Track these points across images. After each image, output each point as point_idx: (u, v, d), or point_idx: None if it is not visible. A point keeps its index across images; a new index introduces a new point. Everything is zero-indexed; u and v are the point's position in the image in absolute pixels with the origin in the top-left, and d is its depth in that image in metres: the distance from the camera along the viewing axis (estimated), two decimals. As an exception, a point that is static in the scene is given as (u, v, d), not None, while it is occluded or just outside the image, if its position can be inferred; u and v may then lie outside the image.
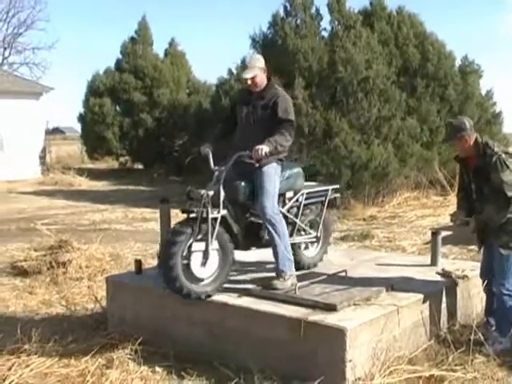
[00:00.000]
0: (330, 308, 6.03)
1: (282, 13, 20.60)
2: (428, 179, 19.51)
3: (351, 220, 16.32)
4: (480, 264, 7.02)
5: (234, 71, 22.86)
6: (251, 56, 7.09)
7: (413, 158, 19.14)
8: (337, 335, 5.62)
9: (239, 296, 6.55)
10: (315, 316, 5.89)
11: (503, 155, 6.48)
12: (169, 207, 7.64)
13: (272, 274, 6.90)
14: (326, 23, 20.63)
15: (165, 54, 36.20)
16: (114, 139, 33.22)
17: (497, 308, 6.75)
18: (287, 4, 20.45)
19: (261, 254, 7.48)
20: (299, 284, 6.56)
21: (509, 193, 6.33)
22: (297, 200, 7.37)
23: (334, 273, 7.11)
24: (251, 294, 6.58)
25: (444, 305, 6.90)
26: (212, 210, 6.38)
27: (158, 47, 35.03)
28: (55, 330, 7.75)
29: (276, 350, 5.99)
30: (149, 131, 32.39)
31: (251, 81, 6.89)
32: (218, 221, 6.44)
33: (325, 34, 20.66)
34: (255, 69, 6.85)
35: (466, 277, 7.31)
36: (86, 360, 6.54)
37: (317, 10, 20.71)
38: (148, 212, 17.78)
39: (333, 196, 7.86)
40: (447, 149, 18.74)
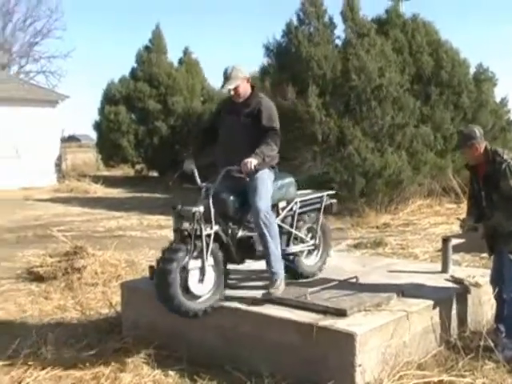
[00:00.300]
0: (341, 313, 6.10)
1: (296, 21, 20.70)
2: (441, 187, 19.51)
3: (364, 228, 16.35)
4: (490, 271, 7.07)
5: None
6: (233, 67, 6.95)
7: (426, 166, 19.16)
8: (347, 340, 5.70)
9: (252, 302, 6.61)
10: (326, 321, 5.97)
11: None
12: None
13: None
14: (340, 31, 20.76)
15: (179, 62, 36.39)
16: (130, 147, 33.38)
17: (507, 315, 6.79)
18: (300, 12, 20.57)
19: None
20: (310, 290, 6.64)
21: None
22: (290, 209, 7.35)
23: (345, 279, 7.19)
24: (263, 300, 6.63)
25: (454, 311, 6.95)
26: (205, 227, 6.36)
27: (172, 56, 35.20)
28: (70, 335, 7.90)
29: (287, 355, 6.07)
30: (163, 139, 32.54)
31: (234, 91, 6.91)
32: (212, 237, 6.43)
33: (338, 42, 20.78)
34: (237, 79, 6.85)
35: (478, 284, 7.36)
36: (100, 363, 6.64)
37: (330, 19, 20.85)
38: (163, 219, 17.84)
39: (328, 202, 7.86)
40: (461, 156, 18.74)
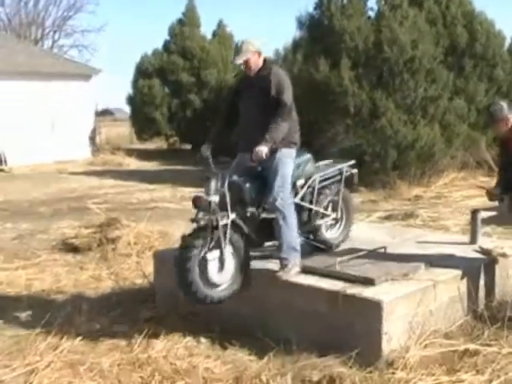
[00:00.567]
0: (368, 282, 6.21)
1: (328, -7, 20.58)
2: (475, 159, 19.45)
3: (397, 200, 16.37)
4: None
5: (281, 52, 22.92)
6: (244, 40, 6.93)
7: (459, 139, 19.10)
8: (373, 308, 5.82)
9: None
10: (353, 289, 6.09)
11: None
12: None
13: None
14: (373, 3, 20.68)
15: (213, 35, 36.38)
16: (163, 120, 33.51)
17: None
18: (333, -16, 20.43)
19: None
20: (339, 259, 6.73)
21: None
22: (309, 186, 7.30)
23: (374, 249, 7.28)
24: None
25: (482, 281, 7.02)
26: (221, 217, 6.33)
27: (206, 29, 35.34)
28: (104, 304, 8.11)
29: (315, 322, 6.19)
30: (197, 112, 32.60)
31: (245, 64, 6.86)
32: (229, 226, 6.42)
33: (371, 14, 20.69)
34: (247, 53, 6.77)
35: (506, 255, 7.41)
36: (134, 331, 6.82)
37: (363, -10, 20.72)
38: (196, 191, 17.95)
39: (349, 173, 7.77)
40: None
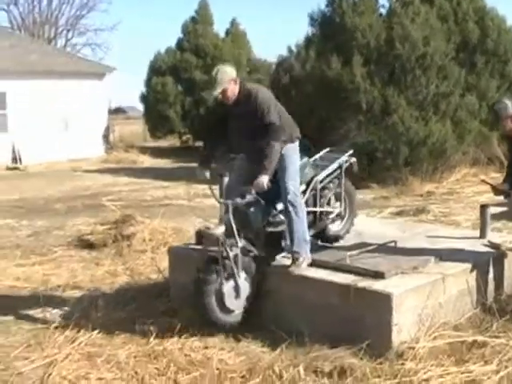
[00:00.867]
0: (379, 275, 6.34)
1: (340, -10, 20.67)
2: (487, 156, 19.51)
3: (409, 196, 16.48)
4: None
5: (294, 49, 23.02)
6: (218, 70, 6.73)
7: (471, 135, 19.18)
8: (384, 300, 5.95)
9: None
10: (364, 282, 6.23)
11: None
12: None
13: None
14: (384, 0, 20.77)
15: (226, 34, 36.53)
16: (176, 118, 33.67)
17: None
18: (344, -18, 20.51)
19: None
20: (350, 253, 6.86)
21: None
22: (311, 190, 7.36)
23: (384, 243, 7.39)
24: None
25: (491, 275, 7.12)
26: (230, 247, 6.49)
27: (218, 27, 35.32)
28: (120, 298, 8.26)
29: (326, 315, 6.32)
30: (210, 109, 32.73)
31: (222, 95, 6.74)
32: (239, 254, 6.57)
33: (383, 11, 20.80)
34: (223, 83, 6.64)
35: (514, 249, 7.53)
36: (149, 324, 6.98)
37: (374, -13, 20.80)
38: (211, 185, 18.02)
39: (348, 163, 7.78)
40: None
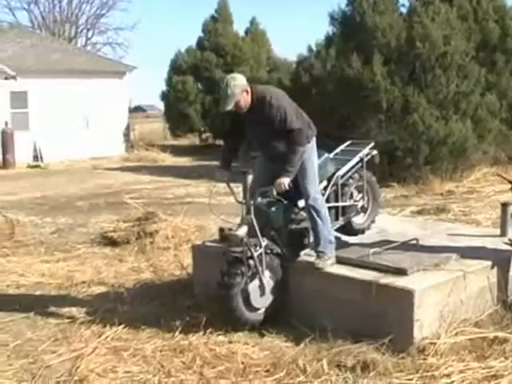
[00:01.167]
0: (401, 272, 6.42)
1: (360, -11, 20.71)
2: (507, 155, 19.52)
3: (429, 195, 16.51)
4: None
5: (314, 48, 23.09)
6: (227, 83, 6.60)
7: (491, 134, 19.18)
8: (406, 296, 6.04)
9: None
10: (386, 279, 6.31)
11: None
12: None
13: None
14: (404, -1, 20.81)
15: (245, 33, 36.65)
16: (196, 116, 33.84)
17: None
18: (365, -19, 20.55)
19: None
20: (373, 250, 6.94)
21: None
22: (332, 185, 7.46)
23: (406, 241, 7.45)
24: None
25: (511, 272, 7.18)
26: (254, 247, 6.60)
27: (238, 26, 35.41)
28: (145, 294, 8.41)
29: (349, 310, 6.43)
30: (230, 110, 32.74)
31: (235, 107, 6.66)
32: (263, 254, 6.67)
33: (403, 10, 20.84)
34: (235, 96, 6.58)
35: (535, 247, 7.58)
36: (174, 319, 7.13)
37: (394, -13, 20.81)
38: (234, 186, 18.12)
39: (370, 156, 7.88)
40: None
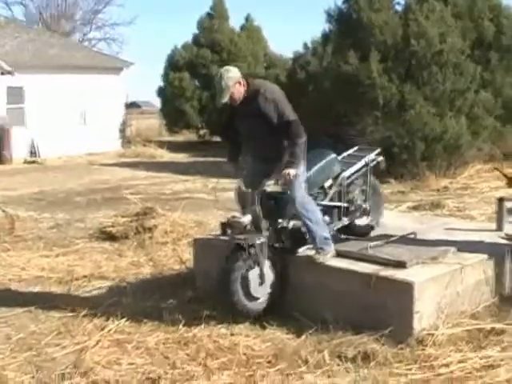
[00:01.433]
0: (400, 265, 6.56)
1: (357, -13, 20.80)
2: (502, 152, 19.65)
3: (424, 191, 16.62)
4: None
5: (310, 45, 23.24)
6: (221, 76, 6.68)
7: (486, 131, 19.31)
8: (406, 289, 6.17)
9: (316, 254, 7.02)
10: (386, 272, 6.44)
11: None
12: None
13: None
14: (400, -3, 20.91)
15: (241, 29, 36.70)
16: (193, 112, 33.91)
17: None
18: (361, -22, 20.63)
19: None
20: (372, 244, 7.08)
21: None
22: (337, 185, 7.57)
23: (404, 235, 7.60)
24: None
25: (508, 265, 7.26)
26: (257, 236, 6.71)
27: (234, 22, 35.49)
28: (146, 287, 8.49)
29: (350, 303, 6.55)
30: (227, 104, 32.82)
31: (230, 100, 6.76)
32: (265, 243, 6.76)
33: (398, 8, 20.94)
34: (228, 88, 6.65)
35: (530, 241, 7.71)
36: (176, 312, 7.23)
37: (390, -16, 20.90)
38: (227, 182, 18.17)
39: (375, 162, 7.97)
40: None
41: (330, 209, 7.51)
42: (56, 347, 6.53)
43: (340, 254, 7.01)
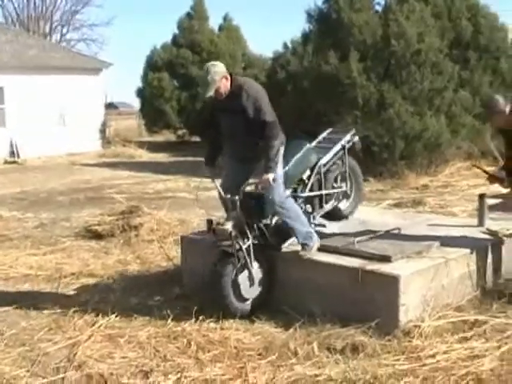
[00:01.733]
0: (385, 259, 6.71)
1: (337, -13, 20.93)
2: (480, 150, 19.85)
3: (404, 189, 16.78)
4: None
5: (290, 45, 23.36)
6: (208, 70, 6.72)
7: (465, 129, 19.52)
8: (392, 282, 6.34)
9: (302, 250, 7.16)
10: (372, 266, 6.60)
11: None
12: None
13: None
14: (380, -3, 21.07)
15: (219, 29, 36.74)
16: (172, 113, 33.96)
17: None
18: (341, -22, 20.77)
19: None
20: (357, 239, 7.23)
21: None
22: (316, 174, 7.70)
23: (389, 230, 7.76)
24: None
25: (489, 260, 7.46)
26: (243, 240, 6.83)
27: (213, 22, 35.44)
28: (133, 284, 8.63)
29: (337, 296, 6.69)
30: (206, 104, 32.90)
31: (215, 94, 6.77)
32: (251, 246, 6.88)
33: (378, 9, 21.09)
34: (215, 82, 6.68)
35: (511, 235, 7.90)
36: (165, 308, 7.36)
37: (370, -16, 21.07)
38: (208, 182, 18.23)
39: (351, 143, 8.08)
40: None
41: (311, 198, 7.66)
42: (48, 342, 6.62)
43: (326, 249, 7.15)
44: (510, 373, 5.55)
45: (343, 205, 8.26)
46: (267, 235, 7.18)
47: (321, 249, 7.15)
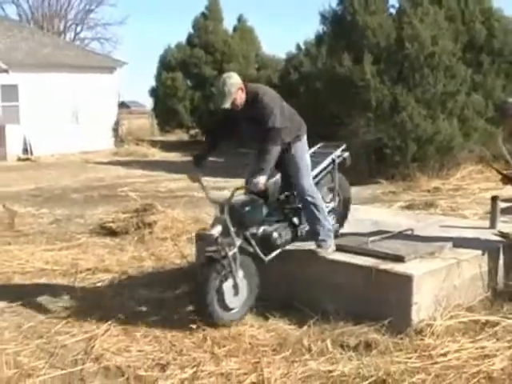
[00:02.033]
0: (399, 259, 6.80)
1: (351, -11, 21.04)
2: (492, 153, 19.87)
3: (416, 191, 16.85)
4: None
5: (303, 47, 23.48)
6: (224, 82, 6.71)
7: (477, 133, 19.57)
8: (405, 281, 6.42)
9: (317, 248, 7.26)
10: (386, 265, 6.69)
11: None
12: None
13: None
14: (394, 0, 21.16)
15: (233, 30, 36.90)
16: (185, 112, 34.12)
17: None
18: (356, -19, 20.87)
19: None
20: (371, 238, 7.33)
21: None
22: None
23: (402, 230, 7.86)
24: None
25: (501, 261, 7.54)
26: (228, 247, 6.60)
27: (227, 23, 35.55)
28: (148, 280, 8.72)
29: (350, 294, 6.79)
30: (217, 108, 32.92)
31: (232, 106, 6.75)
32: (237, 253, 6.68)
33: (392, 11, 21.21)
34: (231, 94, 6.68)
35: (523, 238, 7.98)
36: (180, 304, 7.50)
37: (385, -13, 21.15)
38: (221, 181, 18.32)
39: (341, 158, 7.85)
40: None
41: (299, 211, 7.44)
42: (66, 335, 6.72)
43: (341, 249, 7.25)
44: (521, 372, 5.65)
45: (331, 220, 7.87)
46: (253, 244, 6.98)
47: (335, 248, 7.26)
